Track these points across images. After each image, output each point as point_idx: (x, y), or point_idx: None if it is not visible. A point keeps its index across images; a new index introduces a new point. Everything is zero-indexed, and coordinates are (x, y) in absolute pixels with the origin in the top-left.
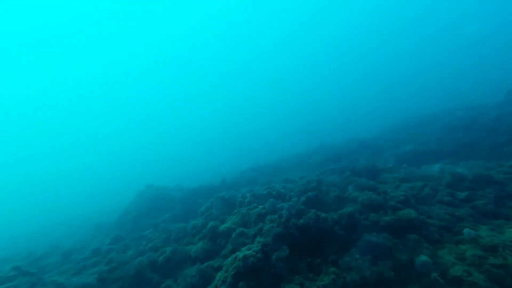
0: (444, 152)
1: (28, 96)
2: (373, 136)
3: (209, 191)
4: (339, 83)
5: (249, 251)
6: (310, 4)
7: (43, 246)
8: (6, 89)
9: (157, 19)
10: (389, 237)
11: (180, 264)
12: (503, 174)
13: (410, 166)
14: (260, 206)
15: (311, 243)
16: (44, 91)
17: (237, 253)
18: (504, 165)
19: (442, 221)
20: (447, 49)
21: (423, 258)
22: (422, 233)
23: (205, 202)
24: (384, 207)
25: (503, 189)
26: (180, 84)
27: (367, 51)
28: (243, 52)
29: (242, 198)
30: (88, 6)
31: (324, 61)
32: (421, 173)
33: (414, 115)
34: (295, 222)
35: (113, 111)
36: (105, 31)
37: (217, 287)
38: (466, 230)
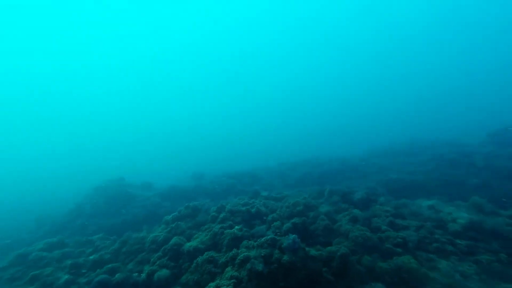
0: (432, 186)
1: None
2: (359, 158)
3: (181, 194)
4: (335, 100)
5: None
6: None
7: None
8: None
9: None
10: None
11: None
12: (505, 226)
13: (396, 196)
14: (237, 227)
15: None
16: None
17: None
18: (502, 214)
19: (446, 277)
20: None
21: None
22: None
23: (173, 207)
24: (379, 249)
25: (509, 245)
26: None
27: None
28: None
29: (217, 212)
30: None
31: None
32: (414, 209)
33: (402, 142)
34: (278, 258)
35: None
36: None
37: None
38: None
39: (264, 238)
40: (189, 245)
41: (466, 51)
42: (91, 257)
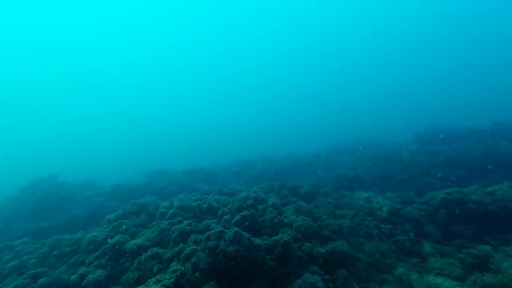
0: (370, 180)
1: None
2: (312, 155)
3: (129, 193)
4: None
5: (158, 286)
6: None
7: None
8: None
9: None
10: (320, 272)
11: None
12: (418, 211)
13: (340, 189)
14: (185, 222)
15: (240, 277)
16: None
17: (142, 287)
18: (417, 201)
19: (369, 257)
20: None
21: None
22: (351, 269)
23: (119, 206)
24: (318, 235)
25: (419, 226)
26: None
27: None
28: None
29: (166, 208)
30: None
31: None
32: (352, 200)
33: (349, 141)
34: (223, 248)
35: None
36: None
37: None
38: (397, 271)
39: (212, 231)
40: (132, 243)
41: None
42: (9, 264)
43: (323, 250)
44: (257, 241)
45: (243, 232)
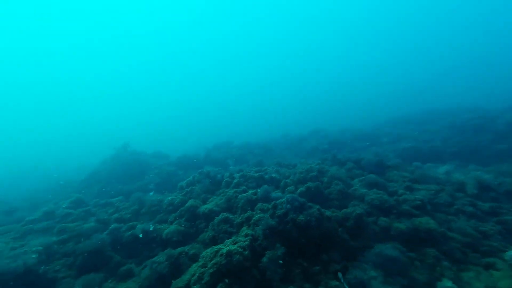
0: (449, 152)
1: None
2: (371, 128)
3: (191, 163)
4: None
5: (235, 246)
6: None
7: None
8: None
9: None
10: (403, 249)
11: (148, 244)
12: None
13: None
14: (251, 191)
15: (310, 245)
16: None
17: (219, 245)
18: None
19: (466, 237)
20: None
21: (447, 284)
22: (442, 248)
23: (185, 175)
24: (396, 211)
25: None
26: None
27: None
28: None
29: (230, 178)
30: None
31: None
32: (429, 174)
33: (417, 111)
34: (294, 217)
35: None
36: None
37: (190, 284)
38: (509, 254)
39: (279, 200)
40: (204, 207)
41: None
42: (113, 216)
43: (403, 226)
44: (327, 212)
45: (303, 200)
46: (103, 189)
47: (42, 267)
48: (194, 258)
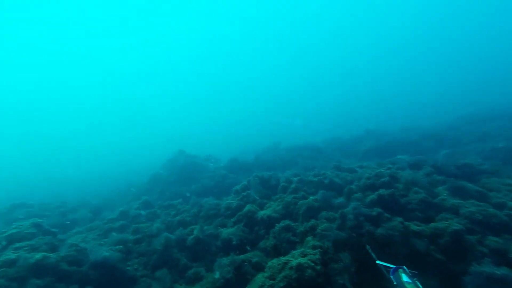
0: None
1: None
2: (442, 127)
3: (242, 167)
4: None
5: (305, 259)
6: None
7: (73, 197)
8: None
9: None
10: None
11: (210, 248)
12: None
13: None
14: (311, 197)
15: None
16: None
17: (287, 257)
18: None
19: None
20: None
21: None
22: None
23: (237, 179)
24: (509, 229)
25: None
26: None
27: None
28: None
29: (287, 182)
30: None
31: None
32: None
33: (491, 107)
34: (371, 230)
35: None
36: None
37: None
38: None
39: (346, 209)
40: (262, 213)
41: None
42: (176, 218)
43: None
44: (413, 226)
45: (387, 214)
46: (164, 192)
47: (127, 264)
48: (258, 267)
